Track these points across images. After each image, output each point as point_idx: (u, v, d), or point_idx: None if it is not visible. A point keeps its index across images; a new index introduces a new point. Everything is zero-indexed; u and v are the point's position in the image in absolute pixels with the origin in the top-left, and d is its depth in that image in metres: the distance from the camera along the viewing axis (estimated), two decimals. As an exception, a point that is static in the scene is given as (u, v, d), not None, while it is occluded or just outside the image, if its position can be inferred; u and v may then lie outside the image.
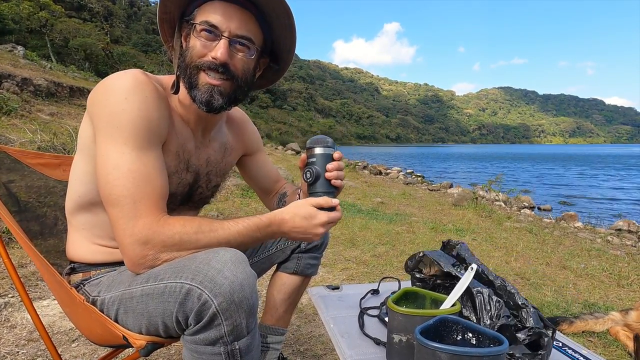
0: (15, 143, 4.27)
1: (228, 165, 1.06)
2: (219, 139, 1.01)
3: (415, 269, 1.10)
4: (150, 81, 0.79)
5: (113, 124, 0.73)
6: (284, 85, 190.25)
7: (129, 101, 0.73)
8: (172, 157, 0.86)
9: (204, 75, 0.81)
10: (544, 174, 21.69)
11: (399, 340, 0.77)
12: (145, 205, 0.72)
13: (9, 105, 6.97)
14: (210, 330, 0.67)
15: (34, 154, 1.12)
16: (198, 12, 0.81)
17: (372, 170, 14.16)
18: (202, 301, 0.65)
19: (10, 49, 15.99)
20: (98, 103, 0.75)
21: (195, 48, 0.80)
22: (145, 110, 0.75)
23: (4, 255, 0.94)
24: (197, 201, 1.01)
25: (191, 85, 0.82)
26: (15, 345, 1.47)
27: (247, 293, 0.68)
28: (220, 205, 4.43)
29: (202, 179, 0.97)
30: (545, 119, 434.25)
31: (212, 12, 0.80)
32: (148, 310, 0.72)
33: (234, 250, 0.71)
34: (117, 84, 0.75)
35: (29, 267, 2.16)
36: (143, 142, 0.74)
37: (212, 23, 0.79)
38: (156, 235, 0.71)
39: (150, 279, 0.73)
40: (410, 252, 3.13)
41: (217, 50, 0.79)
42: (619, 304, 2.29)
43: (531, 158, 48.56)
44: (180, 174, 0.90)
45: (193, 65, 0.81)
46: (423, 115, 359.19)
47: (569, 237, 4.25)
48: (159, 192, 0.75)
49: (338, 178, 0.85)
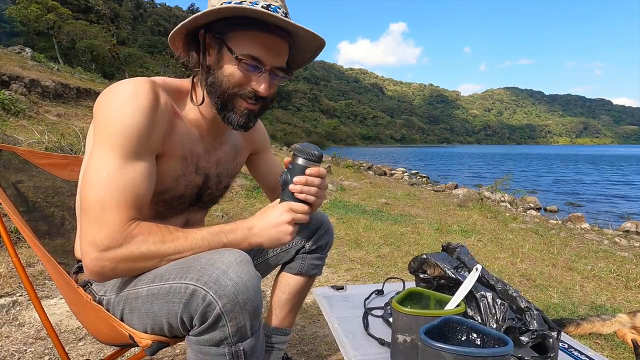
0: (23, 143, 4.32)
1: (239, 166, 1.08)
2: (230, 141, 1.02)
3: (418, 270, 1.10)
4: (153, 90, 0.78)
5: (105, 130, 0.73)
6: (288, 86, 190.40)
7: (124, 109, 0.73)
8: (178, 161, 0.87)
9: (242, 101, 0.83)
10: (551, 175, 21.52)
11: (403, 341, 0.77)
12: (112, 213, 0.70)
13: (17, 106, 7.05)
14: (214, 331, 0.67)
15: (42, 154, 1.14)
16: (236, 39, 0.80)
17: (377, 170, 14.14)
18: (206, 302, 0.65)
19: (18, 50, 16.18)
20: (99, 108, 0.76)
21: (234, 77, 0.81)
22: (138, 119, 0.74)
23: (13, 254, 0.95)
24: (206, 202, 1.03)
25: (226, 108, 0.84)
26: (24, 344, 1.49)
27: (252, 294, 0.68)
28: (225, 206, 4.45)
29: (213, 180, 0.99)
30: (552, 120, 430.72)
31: (254, 44, 0.79)
32: (153, 310, 0.73)
33: (238, 251, 0.72)
34: (117, 91, 0.75)
35: (36, 267, 2.19)
36: (130, 152, 0.73)
37: (257, 57, 0.80)
38: (116, 247, 0.70)
39: (155, 279, 0.73)
40: (415, 253, 3.12)
41: (260, 85, 0.82)
42: (626, 306, 2.27)
43: (537, 158, 48.19)
44: (189, 177, 0.91)
45: (231, 93, 0.82)
46: (428, 115, 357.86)
47: (575, 239, 4.22)
48: (133, 201, 0.73)
49: (303, 192, 0.84)
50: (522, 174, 21.36)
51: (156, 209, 0.90)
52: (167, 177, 0.86)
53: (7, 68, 10.19)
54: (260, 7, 0.76)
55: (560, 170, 25.41)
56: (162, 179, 0.85)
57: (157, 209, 0.90)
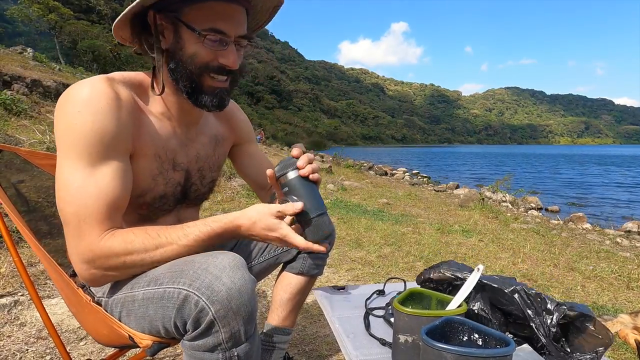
0: (25, 143, 4.33)
1: (221, 157, 1.03)
2: (207, 132, 0.96)
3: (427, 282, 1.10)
4: (110, 87, 0.74)
5: (67, 139, 0.70)
6: (289, 86, 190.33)
7: (82, 114, 0.70)
8: (151, 159, 0.83)
9: (208, 79, 0.79)
10: (552, 174, 21.47)
11: (404, 341, 0.77)
12: (88, 224, 0.70)
13: (18, 106, 7.06)
14: (208, 337, 0.66)
15: (43, 154, 1.14)
16: (193, 14, 0.74)
17: (378, 170, 14.14)
18: (199, 308, 0.64)
19: (20, 50, 16.19)
20: (56, 116, 0.72)
21: (199, 55, 0.76)
22: (99, 122, 0.70)
23: (15, 254, 0.95)
24: (194, 199, 0.99)
25: (195, 91, 0.79)
26: (25, 343, 1.49)
27: (245, 300, 0.66)
28: (226, 206, 4.45)
29: (195, 175, 0.95)
30: (553, 120, 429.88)
31: (215, 16, 0.75)
32: (149, 314, 0.73)
33: (232, 255, 0.70)
34: (73, 95, 0.71)
35: (37, 267, 2.19)
36: (97, 157, 0.71)
37: (221, 30, 0.75)
38: (97, 257, 0.71)
39: (150, 283, 0.73)
40: (416, 253, 3.12)
41: (229, 59, 0.77)
42: (628, 307, 2.26)
43: (538, 157, 48.10)
44: (167, 175, 0.86)
45: (199, 73, 0.77)
46: (429, 115, 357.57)
47: (577, 239, 4.21)
48: (108, 209, 0.72)
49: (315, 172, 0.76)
50: (523, 174, 21.33)
51: (139, 213, 0.86)
52: (142, 178, 0.82)
53: (8, 68, 10.21)
54: None
55: (565, 171, 25.34)
56: (138, 180, 0.81)
57: (140, 212, 0.86)
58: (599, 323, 0.87)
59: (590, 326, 0.87)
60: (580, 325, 0.88)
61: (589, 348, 0.85)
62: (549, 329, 0.85)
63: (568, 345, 0.88)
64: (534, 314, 0.88)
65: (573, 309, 0.88)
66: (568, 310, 0.87)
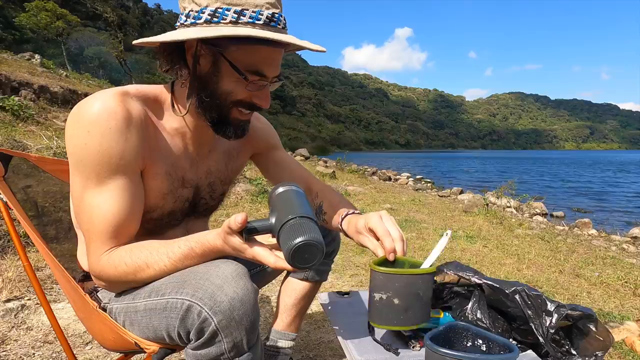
0: (32, 149, 4.38)
1: (234, 171, 1.02)
2: (220, 147, 0.96)
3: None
4: (121, 106, 0.73)
5: (77, 158, 0.72)
6: (293, 92, 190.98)
7: (91, 135, 0.70)
8: (163, 178, 0.83)
9: (237, 112, 0.80)
10: (557, 180, 21.34)
11: (379, 298, 0.80)
12: (95, 243, 0.75)
13: (26, 112, 7.15)
14: (211, 346, 0.67)
15: (52, 160, 1.16)
16: (238, 53, 0.73)
17: (381, 176, 14.11)
18: (202, 318, 0.65)
19: (28, 57, 16.42)
20: (66, 131, 0.73)
21: (235, 92, 0.76)
22: (106, 144, 0.71)
23: (24, 258, 0.96)
24: (202, 212, 0.99)
25: (220, 121, 0.80)
26: (32, 347, 1.51)
27: (248, 309, 0.67)
28: (230, 211, 4.46)
29: (204, 190, 0.95)
30: (558, 125, 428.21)
31: (259, 59, 0.75)
32: (152, 324, 0.73)
33: (235, 264, 0.70)
34: (83, 113, 0.71)
35: (44, 271, 2.21)
36: (105, 177, 0.72)
37: (263, 73, 0.76)
38: (100, 273, 0.77)
39: (152, 293, 0.74)
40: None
41: (263, 100, 0.79)
42: (634, 314, 2.24)
43: (542, 162, 47.85)
44: (176, 192, 0.87)
45: (229, 105, 0.78)
46: (433, 120, 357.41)
47: (582, 245, 4.18)
48: (114, 227, 0.74)
49: None
50: (528, 179, 21.21)
51: (146, 227, 0.85)
52: (152, 196, 0.82)
53: (17, 74, 10.36)
54: (265, 17, 0.72)
55: (570, 177, 25.19)
56: (147, 198, 0.81)
57: (147, 227, 0.85)
58: (601, 324, 0.87)
59: (593, 327, 0.87)
60: (583, 326, 0.88)
61: (590, 351, 0.85)
62: (548, 330, 0.86)
63: (573, 348, 0.88)
64: (534, 315, 0.88)
65: (575, 310, 0.88)
66: (570, 311, 0.87)
